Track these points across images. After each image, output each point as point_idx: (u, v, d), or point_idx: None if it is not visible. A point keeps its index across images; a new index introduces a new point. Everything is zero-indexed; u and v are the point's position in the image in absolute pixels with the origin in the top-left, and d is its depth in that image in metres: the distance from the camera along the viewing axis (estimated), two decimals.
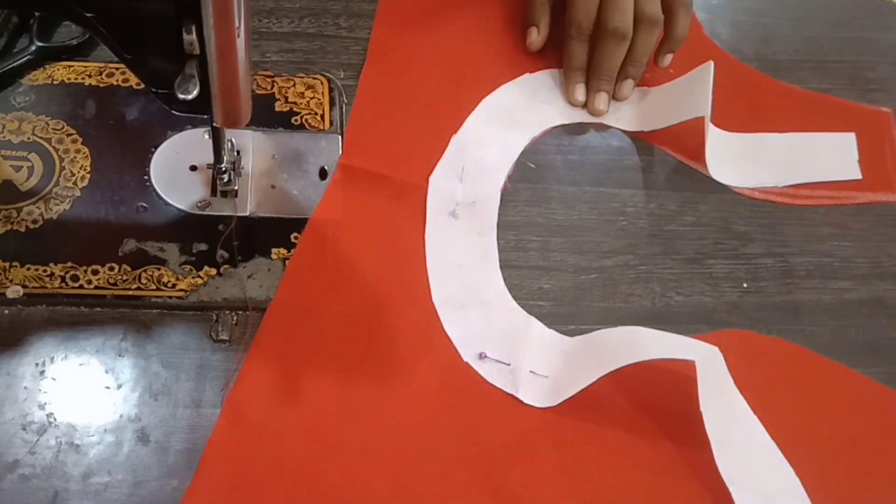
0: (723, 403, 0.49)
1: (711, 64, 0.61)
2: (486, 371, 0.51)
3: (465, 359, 0.51)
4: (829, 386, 0.54)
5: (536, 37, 0.65)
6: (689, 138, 0.62)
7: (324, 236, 0.54)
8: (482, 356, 0.52)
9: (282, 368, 0.49)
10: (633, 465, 0.49)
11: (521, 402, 0.50)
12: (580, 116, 0.64)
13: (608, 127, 0.64)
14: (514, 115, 0.62)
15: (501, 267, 0.56)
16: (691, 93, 0.62)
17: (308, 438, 0.47)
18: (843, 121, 0.68)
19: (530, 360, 0.52)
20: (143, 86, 0.55)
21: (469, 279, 0.55)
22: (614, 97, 0.65)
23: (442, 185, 0.58)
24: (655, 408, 0.51)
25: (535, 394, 0.50)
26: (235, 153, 0.55)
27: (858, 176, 0.65)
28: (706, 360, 0.49)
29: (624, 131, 0.64)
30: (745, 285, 0.58)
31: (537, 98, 0.62)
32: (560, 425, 0.50)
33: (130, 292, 0.50)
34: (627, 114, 0.65)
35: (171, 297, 0.51)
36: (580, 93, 0.64)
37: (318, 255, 0.54)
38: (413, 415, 0.49)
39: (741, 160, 0.64)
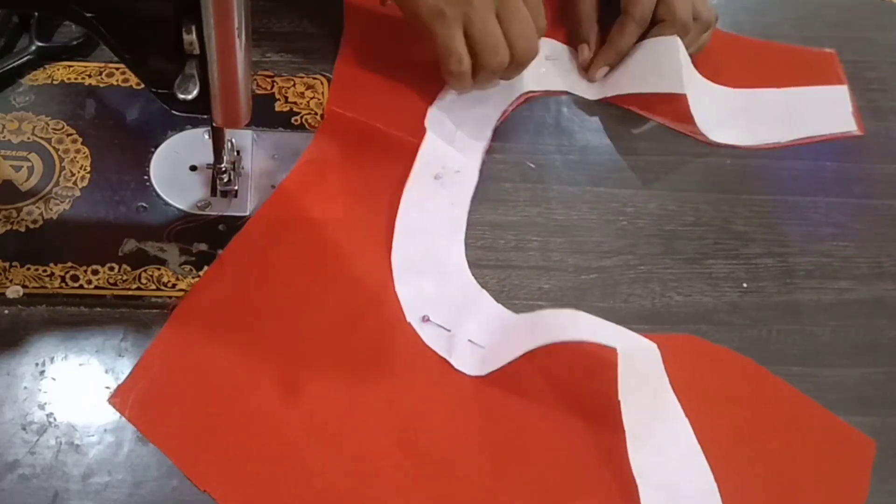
0: (650, 399, 0.49)
1: (678, 40, 0.62)
2: (426, 334, 0.52)
3: (409, 319, 0.52)
4: (770, 403, 0.53)
5: (588, 53, 0.66)
6: (672, 104, 0.63)
7: (305, 181, 0.56)
8: (425, 319, 0.52)
9: (235, 290, 0.51)
10: (550, 445, 0.49)
11: (452, 368, 0.51)
12: (548, 84, 0.64)
13: (587, 100, 0.66)
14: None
15: (500, 267, 0.56)
16: (659, 65, 0.63)
17: (240, 365, 0.48)
18: (793, 66, 0.69)
19: (472, 330, 0.52)
20: (143, 86, 0.55)
21: (432, 247, 0.55)
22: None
23: (433, 144, 0.59)
24: (584, 395, 0.50)
25: (467, 362, 0.51)
26: (235, 153, 0.55)
27: (853, 127, 0.66)
28: (640, 353, 0.48)
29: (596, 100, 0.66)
30: (745, 285, 0.58)
31: None
32: (487, 395, 0.50)
33: (130, 292, 0.50)
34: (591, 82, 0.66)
35: (171, 297, 0.51)
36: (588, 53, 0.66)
37: (294, 197, 0.55)
38: (345, 361, 0.50)
39: (736, 118, 0.64)
